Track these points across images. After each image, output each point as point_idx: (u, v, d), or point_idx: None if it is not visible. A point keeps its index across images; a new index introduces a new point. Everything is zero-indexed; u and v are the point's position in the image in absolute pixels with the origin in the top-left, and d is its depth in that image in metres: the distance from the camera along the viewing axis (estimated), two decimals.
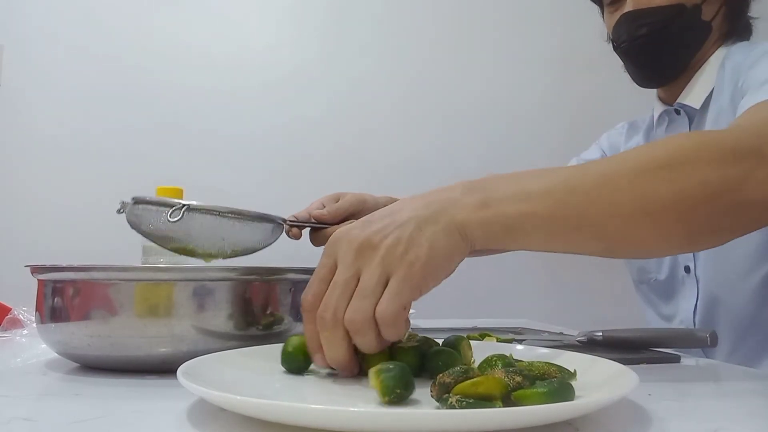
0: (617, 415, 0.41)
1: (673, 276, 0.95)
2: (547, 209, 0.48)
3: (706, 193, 0.49)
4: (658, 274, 0.98)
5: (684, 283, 0.93)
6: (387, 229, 0.46)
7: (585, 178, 0.49)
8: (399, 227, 0.46)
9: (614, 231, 0.49)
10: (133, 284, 0.54)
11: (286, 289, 0.60)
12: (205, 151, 1.59)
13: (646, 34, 0.86)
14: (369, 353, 0.46)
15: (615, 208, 0.48)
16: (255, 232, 0.68)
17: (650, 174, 0.49)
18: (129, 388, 0.50)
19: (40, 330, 0.59)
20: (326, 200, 0.84)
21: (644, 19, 0.86)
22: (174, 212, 0.61)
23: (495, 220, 0.48)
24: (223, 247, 0.66)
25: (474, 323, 1.12)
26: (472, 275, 1.35)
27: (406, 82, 1.80)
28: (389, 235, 0.46)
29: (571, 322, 1.13)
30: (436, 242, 0.46)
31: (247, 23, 1.80)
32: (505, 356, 0.46)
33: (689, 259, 0.91)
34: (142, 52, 1.74)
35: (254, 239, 0.68)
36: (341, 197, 0.84)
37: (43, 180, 1.67)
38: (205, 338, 0.54)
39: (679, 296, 0.94)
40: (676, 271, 0.94)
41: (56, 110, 1.70)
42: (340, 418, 0.33)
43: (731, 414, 0.44)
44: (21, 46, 1.71)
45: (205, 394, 0.37)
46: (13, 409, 0.44)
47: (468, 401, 0.36)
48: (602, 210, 0.48)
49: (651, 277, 0.99)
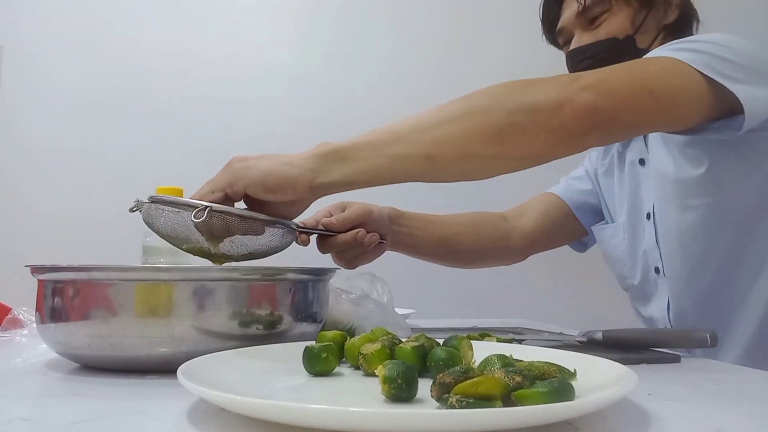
0: (617, 415, 0.41)
1: (646, 279, 0.99)
2: (374, 135, 0.66)
3: (491, 102, 0.65)
4: (633, 279, 1.02)
5: (656, 284, 0.97)
6: (244, 158, 0.67)
7: (404, 122, 0.66)
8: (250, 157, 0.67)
9: (424, 136, 0.64)
10: (133, 284, 0.54)
11: (286, 289, 0.60)
12: (205, 151, 1.59)
13: (585, 67, 0.92)
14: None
15: (425, 122, 0.65)
16: (270, 236, 0.69)
17: (453, 102, 0.67)
18: (129, 388, 0.50)
19: (40, 330, 0.59)
20: (333, 209, 0.87)
21: (583, 54, 0.96)
22: (198, 213, 0.62)
23: (331, 151, 0.65)
24: (238, 249, 0.67)
25: (474, 323, 1.12)
26: (472, 275, 1.35)
27: (410, 83, 1.80)
28: (240, 158, 0.67)
29: (571, 322, 1.13)
30: (261, 162, 0.65)
31: (247, 23, 1.80)
32: (505, 356, 0.46)
33: (657, 261, 0.95)
34: (142, 53, 1.74)
35: (268, 243, 0.69)
36: (347, 206, 0.87)
37: (43, 180, 1.67)
38: (205, 338, 0.54)
39: (654, 298, 0.98)
40: (648, 274, 0.98)
41: (56, 110, 1.70)
42: (340, 418, 0.33)
43: (731, 414, 0.44)
44: (21, 46, 1.71)
45: (205, 394, 0.37)
46: (13, 409, 0.44)
47: (468, 401, 0.36)
48: (414, 125, 0.65)
49: (629, 283, 1.03)
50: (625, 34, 0.95)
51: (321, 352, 0.51)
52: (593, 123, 0.65)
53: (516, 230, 1.12)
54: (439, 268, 1.15)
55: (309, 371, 0.51)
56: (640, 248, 0.98)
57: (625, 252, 1.02)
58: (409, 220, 1.00)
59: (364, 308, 0.75)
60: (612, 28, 0.95)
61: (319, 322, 0.65)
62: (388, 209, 0.96)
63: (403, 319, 0.78)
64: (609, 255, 1.07)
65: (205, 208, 0.62)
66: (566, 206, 1.13)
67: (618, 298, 1.14)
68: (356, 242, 0.83)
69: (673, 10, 0.96)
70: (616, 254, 1.04)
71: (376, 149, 0.65)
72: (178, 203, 0.65)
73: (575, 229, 1.15)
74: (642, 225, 0.98)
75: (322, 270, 0.65)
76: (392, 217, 0.96)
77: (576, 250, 1.21)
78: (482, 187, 0.76)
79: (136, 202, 0.68)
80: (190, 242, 0.66)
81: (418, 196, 1.23)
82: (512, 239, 1.11)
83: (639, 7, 0.95)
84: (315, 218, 0.84)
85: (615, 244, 1.04)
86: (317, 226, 0.82)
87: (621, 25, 0.95)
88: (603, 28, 0.96)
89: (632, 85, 0.68)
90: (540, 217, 1.13)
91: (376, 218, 0.89)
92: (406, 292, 1.18)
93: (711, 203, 0.85)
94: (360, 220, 0.85)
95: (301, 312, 0.61)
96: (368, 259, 0.89)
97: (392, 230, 0.95)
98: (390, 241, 0.93)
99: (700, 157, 0.84)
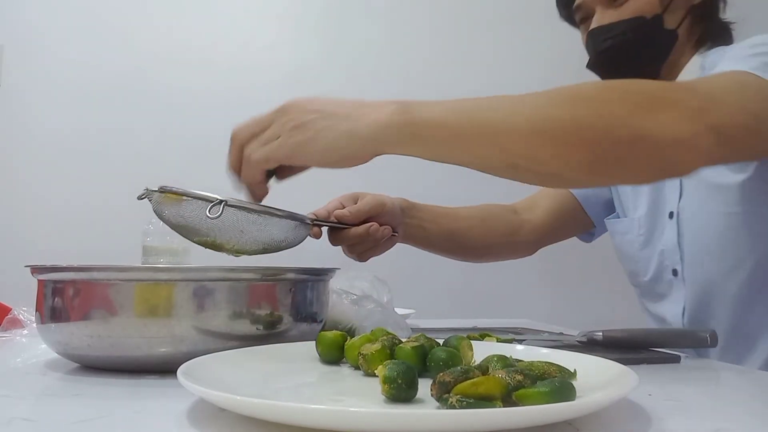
0: (617, 415, 0.41)
1: (659, 278, 0.96)
2: (456, 119, 0.56)
3: (605, 123, 0.53)
4: (644, 276, 0.99)
5: (672, 285, 0.94)
6: (303, 115, 0.60)
7: (499, 102, 0.56)
8: (310, 113, 0.60)
9: (513, 145, 0.55)
10: (133, 284, 0.54)
11: (286, 289, 0.60)
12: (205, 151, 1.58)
13: (609, 48, 0.88)
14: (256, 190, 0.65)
15: (515, 125, 0.55)
16: (284, 230, 0.67)
17: (556, 102, 0.56)
18: (129, 388, 0.50)
19: (40, 330, 0.59)
20: (345, 200, 0.85)
21: (606, 33, 0.89)
22: (213, 208, 0.60)
23: (405, 124, 0.56)
24: (252, 243, 0.66)
25: (474, 323, 1.11)
26: (472, 275, 1.35)
27: (406, 81, 1.80)
28: (299, 118, 0.60)
29: (571, 322, 1.13)
30: (323, 134, 0.59)
31: (247, 23, 1.80)
32: (505, 356, 0.46)
33: (677, 263, 0.92)
34: (142, 52, 1.74)
35: (283, 237, 0.68)
36: (360, 198, 0.85)
37: (43, 180, 1.67)
38: (205, 338, 0.54)
39: (667, 299, 0.96)
40: (662, 273, 0.95)
41: (56, 110, 1.70)
42: (340, 418, 0.33)
43: (731, 414, 0.44)
44: (21, 46, 1.71)
45: (205, 394, 0.37)
46: (13, 409, 0.44)
47: (468, 401, 0.36)
48: (504, 126, 0.55)
49: (640, 280, 1.01)
50: (653, 12, 0.87)
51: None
52: (702, 164, 0.58)
53: (527, 223, 1.09)
54: (439, 268, 1.15)
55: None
56: (657, 247, 0.95)
57: (639, 248, 0.99)
58: (420, 212, 0.97)
59: (364, 308, 0.75)
60: (639, 5, 0.87)
61: (319, 322, 0.64)
62: (400, 200, 0.93)
63: (403, 319, 0.78)
64: (621, 250, 1.04)
65: (220, 202, 0.60)
66: (575, 199, 1.10)
67: (618, 298, 1.14)
68: (369, 236, 0.81)
69: None
70: (629, 250, 1.01)
71: (458, 140, 0.56)
72: (189, 194, 0.63)
73: (585, 221, 1.12)
74: (662, 224, 0.95)
75: (322, 270, 0.65)
76: (404, 208, 0.93)
77: (583, 240, 1.19)
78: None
79: (146, 191, 0.66)
80: (200, 234, 0.64)
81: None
82: (522, 233, 1.09)
83: None
84: (327, 209, 0.82)
85: (629, 239, 1.01)
86: (330, 217, 0.80)
87: (649, 2, 0.87)
88: (630, 4, 0.88)
89: (747, 123, 0.59)
90: (550, 210, 1.10)
91: (389, 210, 0.86)
92: (406, 292, 1.18)
93: (749, 211, 0.82)
94: (373, 213, 0.83)
95: (301, 312, 0.61)
96: (379, 252, 0.87)
97: (404, 223, 0.92)
98: (401, 233, 0.91)
99: (743, 163, 0.81)
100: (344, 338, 0.56)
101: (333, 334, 0.57)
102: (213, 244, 0.65)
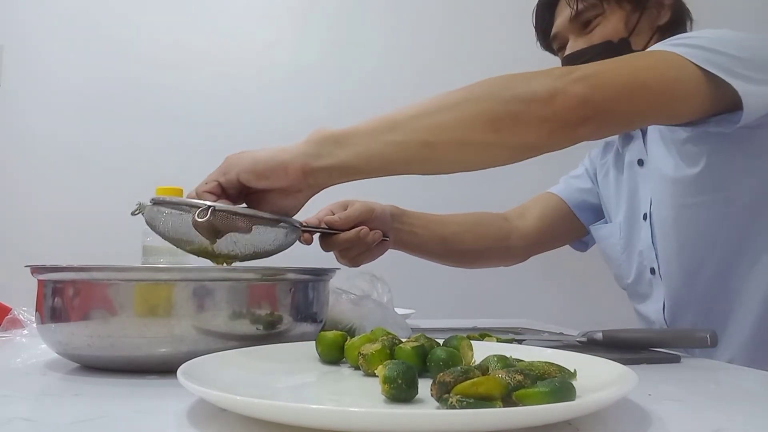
0: (617, 415, 0.41)
1: (640, 278, 0.99)
2: (368, 124, 0.66)
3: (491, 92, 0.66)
4: (628, 278, 1.02)
5: (652, 284, 0.97)
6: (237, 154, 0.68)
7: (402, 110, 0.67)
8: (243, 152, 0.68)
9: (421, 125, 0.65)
10: (133, 284, 0.54)
11: (286, 289, 0.60)
12: (205, 151, 1.59)
13: None
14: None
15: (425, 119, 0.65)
16: (273, 235, 0.69)
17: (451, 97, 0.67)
18: (129, 388, 0.50)
19: (40, 330, 0.59)
20: (335, 207, 0.87)
21: (579, 58, 0.94)
22: (200, 213, 0.61)
23: (325, 138, 0.65)
24: (242, 249, 0.67)
25: (474, 323, 1.12)
26: (472, 275, 1.35)
27: (409, 82, 1.79)
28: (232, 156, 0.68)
29: (571, 322, 1.13)
30: (253, 152, 0.66)
31: (247, 23, 1.80)
32: (505, 356, 0.46)
33: (653, 261, 0.95)
34: (142, 52, 1.74)
35: (272, 243, 0.69)
36: (349, 205, 0.87)
37: (43, 180, 1.67)
38: (205, 338, 0.54)
39: (650, 298, 0.98)
40: (643, 273, 0.98)
41: (56, 110, 1.70)
42: (340, 418, 0.33)
43: (731, 414, 0.44)
44: (21, 46, 1.70)
45: (205, 394, 0.37)
46: (13, 409, 0.44)
47: (468, 401, 0.36)
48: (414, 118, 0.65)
49: (625, 282, 1.04)
50: (619, 36, 0.95)
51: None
52: (585, 114, 0.66)
53: (517, 230, 1.12)
54: (439, 268, 1.15)
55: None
56: (636, 249, 0.98)
57: (621, 252, 1.02)
58: (410, 218, 1.00)
59: (364, 308, 0.75)
60: (606, 31, 0.95)
61: (319, 322, 0.65)
62: (390, 207, 0.96)
63: (403, 319, 0.78)
64: (606, 254, 1.07)
65: (207, 207, 0.62)
66: (566, 206, 1.13)
67: (618, 298, 1.14)
68: (359, 240, 0.83)
69: (666, 10, 0.96)
70: (612, 254, 1.05)
71: (372, 135, 0.65)
72: (180, 204, 0.64)
73: (576, 229, 1.15)
74: (639, 226, 0.98)
75: (322, 270, 0.65)
76: (394, 215, 0.96)
77: (577, 249, 1.21)
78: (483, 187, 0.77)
79: (138, 206, 0.68)
80: (193, 244, 0.66)
81: (419, 196, 1.23)
82: (513, 239, 1.11)
83: (631, 10, 0.95)
84: (318, 217, 0.85)
85: (611, 243, 1.04)
86: (320, 224, 0.82)
87: (615, 29, 0.95)
88: (597, 32, 0.96)
89: (625, 77, 0.68)
90: (540, 218, 1.13)
91: (378, 216, 0.89)
92: (406, 292, 1.18)
93: (707, 201, 0.85)
94: (362, 218, 0.85)
95: (301, 312, 0.61)
96: (371, 257, 0.89)
97: (394, 228, 0.95)
98: (392, 239, 0.94)
99: (698, 154, 0.84)
100: (344, 338, 0.56)
101: (333, 334, 0.57)
102: (204, 252, 0.66)
